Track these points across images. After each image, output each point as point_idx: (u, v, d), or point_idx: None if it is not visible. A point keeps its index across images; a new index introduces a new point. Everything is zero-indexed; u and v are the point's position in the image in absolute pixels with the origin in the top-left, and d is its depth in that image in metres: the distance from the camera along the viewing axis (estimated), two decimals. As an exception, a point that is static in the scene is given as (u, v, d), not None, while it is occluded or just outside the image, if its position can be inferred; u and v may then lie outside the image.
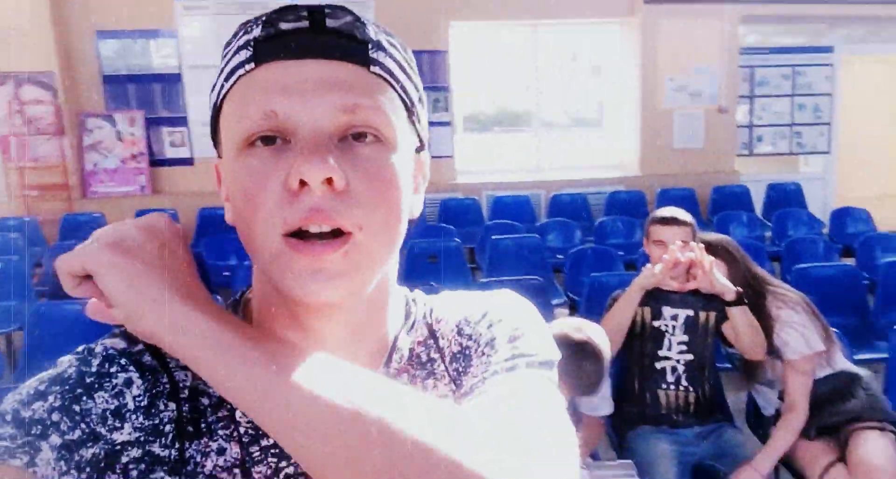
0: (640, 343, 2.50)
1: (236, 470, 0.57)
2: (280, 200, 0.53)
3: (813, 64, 7.29)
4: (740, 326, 2.36)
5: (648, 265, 2.46)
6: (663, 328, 2.46)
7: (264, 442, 0.58)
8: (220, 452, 0.57)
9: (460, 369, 0.65)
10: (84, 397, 0.54)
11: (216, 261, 4.86)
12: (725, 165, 7.16)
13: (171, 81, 6.52)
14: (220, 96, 0.58)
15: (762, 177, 7.22)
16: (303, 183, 0.52)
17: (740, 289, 2.37)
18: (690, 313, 2.46)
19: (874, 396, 2.35)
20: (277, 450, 0.58)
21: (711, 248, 2.43)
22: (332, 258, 0.53)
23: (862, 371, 2.46)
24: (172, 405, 0.57)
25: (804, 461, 2.29)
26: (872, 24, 7.41)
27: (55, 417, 0.52)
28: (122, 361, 0.57)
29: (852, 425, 2.25)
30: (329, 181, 0.52)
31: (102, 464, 0.53)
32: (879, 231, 5.43)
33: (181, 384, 0.59)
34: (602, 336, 2.03)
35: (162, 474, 0.55)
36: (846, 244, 5.36)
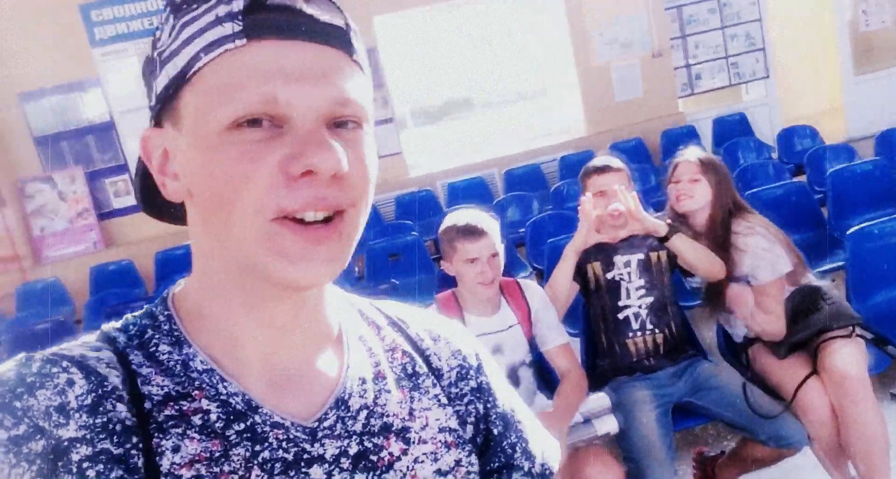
0: (599, 298, 2.49)
1: (198, 465, 0.56)
2: (273, 185, 0.53)
3: (735, -8, 7.33)
4: (687, 254, 2.36)
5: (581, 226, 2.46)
6: (618, 278, 2.45)
7: (236, 427, 0.58)
8: (175, 449, 0.56)
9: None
10: (25, 396, 0.53)
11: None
12: (669, 108, 7.19)
13: (104, 129, 6.41)
14: (195, 68, 0.54)
15: (708, 114, 7.26)
16: (307, 171, 0.53)
17: (668, 221, 2.38)
18: (641, 256, 2.45)
19: (836, 304, 2.35)
20: (250, 435, 0.58)
21: (706, 165, 2.47)
22: (329, 240, 0.55)
23: (822, 282, 2.47)
24: (122, 407, 0.55)
25: (779, 380, 2.29)
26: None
27: None
28: (64, 363, 0.56)
29: (820, 336, 2.25)
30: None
31: (51, 457, 0.51)
32: (827, 144, 5.47)
33: (141, 391, 0.58)
34: None
35: (121, 472, 0.53)
36: (797, 163, 5.40)
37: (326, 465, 0.60)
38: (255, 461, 0.57)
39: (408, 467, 0.64)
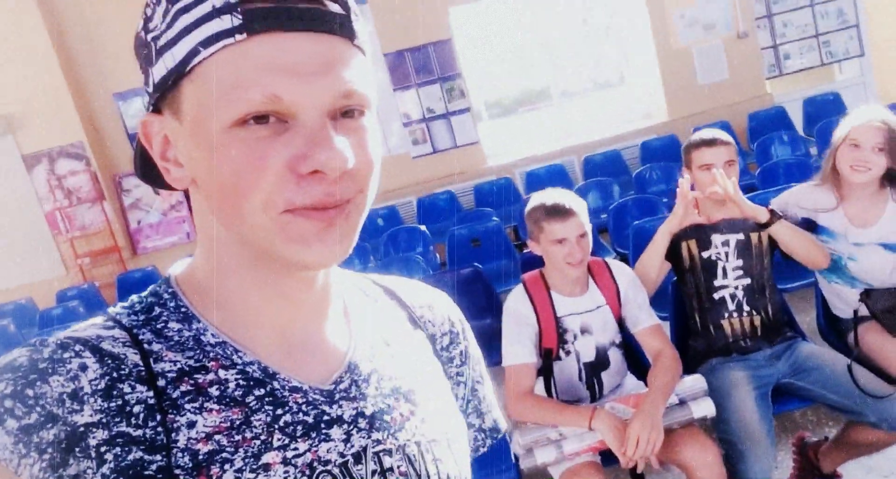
0: (693, 277, 2.42)
1: (217, 436, 0.56)
2: (282, 182, 0.53)
3: (826, -33, 6.99)
4: (789, 242, 2.27)
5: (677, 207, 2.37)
6: (714, 258, 2.38)
7: (256, 393, 0.59)
8: (191, 425, 0.56)
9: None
10: (38, 382, 0.53)
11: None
12: (756, 90, 6.92)
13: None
14: (194, 62, 0.54)
15: (798, 95, 6.95)
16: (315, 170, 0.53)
17: (770, 208, 2.28)
18: (741, 236, 2.37)
19: None
20: (271, 399, 0.59)
21: (890, 131, 2.25)
22: (339, 222, 0.56)
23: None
24: (142, 387, 0.56)
25: (892, 358, 2.17)
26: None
27: (8, 403, 0.51)
28: (77, 347, 0.56)
29: None
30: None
31: (64, 445, 0.52)
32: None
33: (154, 369, 0.58)
34: None
35: (140, 454, 0.54)
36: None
37: (346, 425, 0.62)
38: (277, 425, 0.59)
39: (416, 426, 0.66)
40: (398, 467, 0.63)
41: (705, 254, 2.39)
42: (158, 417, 0.55)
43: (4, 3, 6.05)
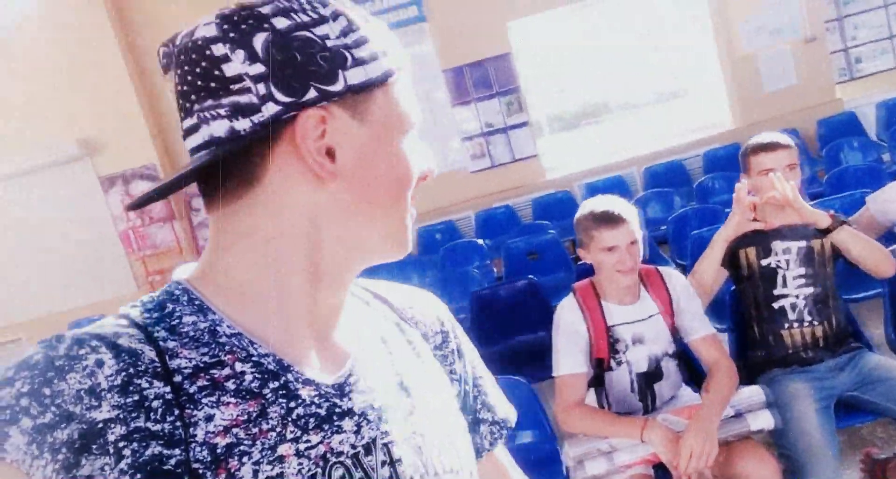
0: (751, 286, 2.34)
1: (236, 429, 0.57)
2: (413, 185, 0.67)
3: (899, -35, 6.71)
4: (854, 249, 2.18)
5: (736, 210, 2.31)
6: (774, 265, 2.30)
7: (271, 385, 0.61)
8: (209, 419, 0.57)
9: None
10: (55, 380, 0.53)
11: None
12: (825, 95, 6.67)
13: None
14: (391, 79, 0.64)
15: (871, 100, 6.67)
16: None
17: (831, 212, 2.19)
18: (803, 243, 2.28)
19: None
20: (284, 392, 0.61)
21: None
22: None
23: None
24: (159, 383, 0.57)
25: None
26: None
27: (24, 402, 0.52)
28: (94, 343, 0.57)
29: None
30: None
31: (78, 445, 0.52)
32: None
33: (169, 366, 0.59)
34: None
35: (159, 449, 0.55)
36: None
37: (357, 417, 0.64)
38: (290, 418, 0.60)
39: (420, 419, 0.69)
40: (407, 457, 0.65)
41: (764, 262, 2.32)
42: (176, 411, 0.56)
43: (81, 31, 6.39)
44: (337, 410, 0.63)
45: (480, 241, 5.28)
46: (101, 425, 0.53)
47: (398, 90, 0.65)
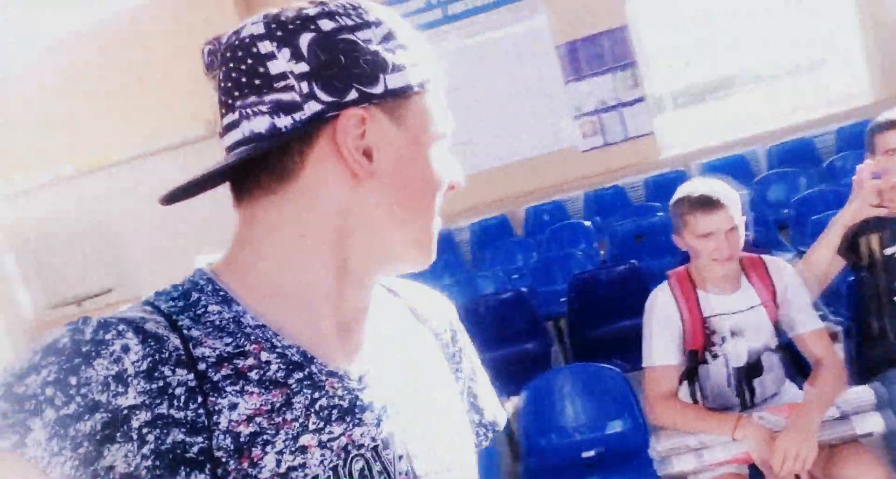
0: (872, 276, 2.15)
1: (259, 418, 0.58)
2: (442, 193, 0.68)
3: None
4: None
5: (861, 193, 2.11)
6: (899, 255, 2.10)
7: (297, 375, 0.62)
8: (233, 407, 0.58)
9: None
10: (82, 367, 0.53)
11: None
12: (984, 65, 5.98)
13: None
14: (428, 86, 0.66)
15: None
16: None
17: None
18: None
19: None
20: (309, 382, 0.62)
21: None
22: None
23: None
24: (182, 371, 0.57)
25: None
26: None
27: (49, 391, 0.52)
28: (121, 326, 0.57)
29: None
30: None
31: (100, 436, 0.52)
32: None
33: (194, 354, 0.59)
34: None
35: (181, 436, 0.55)
36: None
37: (377, 411, 0.65)
38: (313, 409, 0.61)
39: (436, 415, 0.71)
40: (421, 452, 0.66)
41: (888, 251, 2.12)
42: (200, 399, 0.57)
43: (206, 11, 6.73)
44: (359, 403, 0.64)
45: (587, 222, 5.16)
46: (126, 411, 0.54)
47: (432, 99, 0.67)
